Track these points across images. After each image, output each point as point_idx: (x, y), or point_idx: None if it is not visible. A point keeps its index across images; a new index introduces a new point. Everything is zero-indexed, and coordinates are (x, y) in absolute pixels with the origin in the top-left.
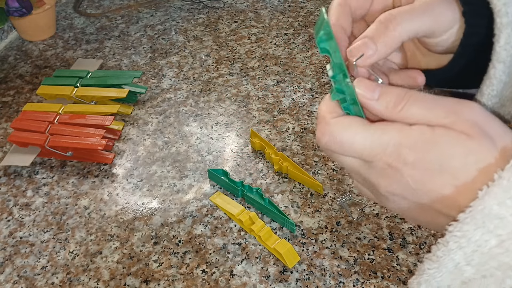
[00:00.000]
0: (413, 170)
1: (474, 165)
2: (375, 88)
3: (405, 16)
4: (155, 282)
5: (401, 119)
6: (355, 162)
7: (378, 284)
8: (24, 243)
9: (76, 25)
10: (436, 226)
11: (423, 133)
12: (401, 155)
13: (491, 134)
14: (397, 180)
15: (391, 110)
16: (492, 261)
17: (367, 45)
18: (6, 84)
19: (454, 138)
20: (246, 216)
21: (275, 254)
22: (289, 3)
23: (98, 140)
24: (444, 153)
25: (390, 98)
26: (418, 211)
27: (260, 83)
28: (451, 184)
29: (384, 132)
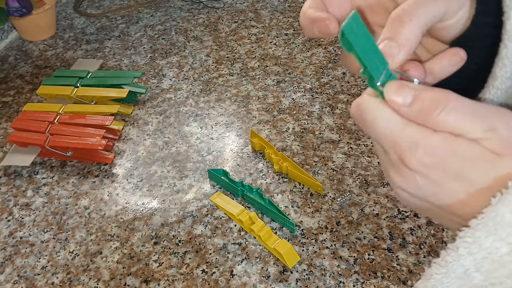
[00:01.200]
0: (425, 173)
1: (492, 177)
2: (407, 92)
3: (415, 5)
4: (155, 282)
5: (435, 127)
6: (376, 143)
7: (378, 284)
8: (24, 243)
9: (76, 25)
10: (448, 226)
11: (446, 139)
12: (415, 155)
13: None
14: (408, 179)
15: (425, 117)
16: (502, 269)
17: (390, 47)
18: (6, 84)
19: (479, 152)
20: (246, 216)
21: (275, 254)
22: (289, 3)
23: (98, 140)
24: (464, 163)
25: (424, 104)
26: (427, 210)
27: (260, 83)
28: (465, 191)
29: (406, 127)
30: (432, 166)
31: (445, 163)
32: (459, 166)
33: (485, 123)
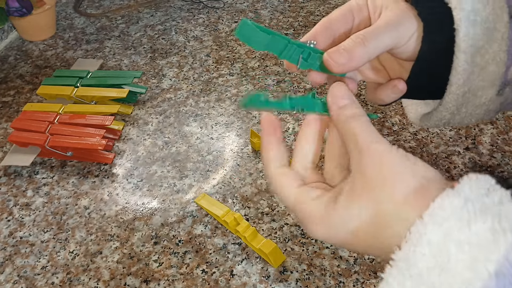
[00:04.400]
0: (322, 239)
1: (367, 221)
2: (348, 95)
3: (372, 35)
4: (155, 282)
5: (341, 128)
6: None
7: (378, 284)
8: (24, 243)
9: (76, 25)
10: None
11: (327, 204)
12: (306, 230)
13: (385, 184)
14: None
15: (343, 118)
16: None
17: (341, 54)
18: (6, 84)
19: (347, 199)
20: (231, 217)
21: (260, 255)
22: (289, 3)
23: (98, 140)
24: (343, 218)
25: (348, 111)
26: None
27: (260, 83)
28: (356, 246)
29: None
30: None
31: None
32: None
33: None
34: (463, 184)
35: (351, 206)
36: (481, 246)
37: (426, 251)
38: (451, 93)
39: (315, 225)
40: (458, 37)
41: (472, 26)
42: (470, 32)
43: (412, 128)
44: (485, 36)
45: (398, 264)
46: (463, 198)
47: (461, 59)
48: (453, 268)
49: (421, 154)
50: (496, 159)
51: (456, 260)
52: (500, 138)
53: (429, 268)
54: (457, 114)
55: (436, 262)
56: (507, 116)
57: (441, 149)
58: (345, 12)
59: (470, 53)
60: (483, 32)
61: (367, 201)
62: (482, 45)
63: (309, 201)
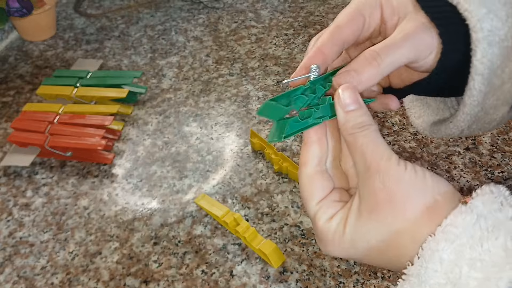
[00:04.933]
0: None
1: (379, 240)
2: (355, 101)
3: (388, 52)
4: (155, 283)
5: (348, 140)
6: None
7: (378, 284)
8: (24, 243)
9: (76, 25)
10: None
11: (338, 225)
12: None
13: (397, 201)
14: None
15: (346, 128)
16: None
17: (352, 76)
18: (6, 84)
19: (357, 219)
20: (230, 217)
21: (260, 255)
22: (289, 3)
23: (97, 140)
24: (353, 238)
25: (354, 119)
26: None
27: (260, 83)
28: (367, 261)
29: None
30: (337, 256)
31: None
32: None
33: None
34: (476, 200)
35: (360, 230)
36: (493, 263)
37: (438, 268)
38: (464, 113)
39: (327, 246)
40: (476, 58)
41: (490, 46)
42: (488, 53)
43: (412, 128)
44: (501, 56)
45: (410, 279)
46: (476, 214)
47: (477, 81)
48: (465, 285)
49: (421, 154)
50: (496, 159)
51: (467, 277)
52: (500, 138)
53: (440, 284)
54: (467, 130)
55: (448, 279)
56: None
57: (441, 149)
58: (354, 15)
59: (487, 74)
60: (500, 51)
61: (376, 223)
62: (499, 64)
63: (324, 223)
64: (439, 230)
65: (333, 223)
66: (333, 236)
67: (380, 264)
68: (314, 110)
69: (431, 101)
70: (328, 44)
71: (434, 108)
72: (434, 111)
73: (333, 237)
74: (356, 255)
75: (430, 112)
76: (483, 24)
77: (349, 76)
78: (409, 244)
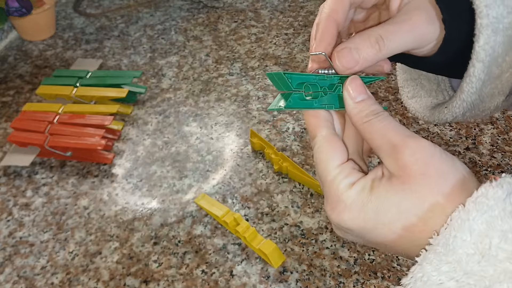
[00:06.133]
0: (345, 230)
1: (410, 212)
2: (363, 92)
3: (392, 38)
4: (155, 283)
5: (364, 127)
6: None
7: (378, 284)
8: (24, 243)
9: (76, 25)
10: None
11: (360, 192)
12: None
13: (431, 175)
14: (337, 231)
15: (360, 117)
16: None
17: (352, 55)
18: (6, 84)
19: (387, 189)
20: (230, 217)
21: (260, 255)
22: (289, 3)
23: (97, 140)
24: (378, 208)
25: (366, 108)
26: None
27: (260, 83)
28: (391, 238)
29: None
30: (349, 227)
31: (364, 215)
32: (375, 212)
33: (392, 143)
34: (504, 179)
35: (389, 200)
36: None
37: (467, 238)
38: (461, 99)
39: (342, 213)
40: (478, 45)
41: (494, 33)
42: (491, 40)
43: (413, 128)
44: (503, 44)
45: (436, 248)
46: (506, 191)
47: (478, 68)
48: (494, 257)
49: None
50: (496, 159)
51: (497, 249)
52: (500, 138)
53: (468, 254)
54: (461, 117)
55: (477, 249)
56: (507, 116)
57: None
58: None
59: (488, 62)
60: (503, 40)
61: (410, 193)
62: (500, 53)
63: (344, 187)
64: (470, 201)
65: (354, 190)
66: (352, 202)
67: (395, 245)
68: (322, 95)
69: (424, 82)
70: (338, 9)
71: (427, 89)
72: (427, 92)
73: (353, 204)
74: (368, 230)
75: (423, 93)
76: (489, 11)
77: (350, 54)
78: (439, 217)
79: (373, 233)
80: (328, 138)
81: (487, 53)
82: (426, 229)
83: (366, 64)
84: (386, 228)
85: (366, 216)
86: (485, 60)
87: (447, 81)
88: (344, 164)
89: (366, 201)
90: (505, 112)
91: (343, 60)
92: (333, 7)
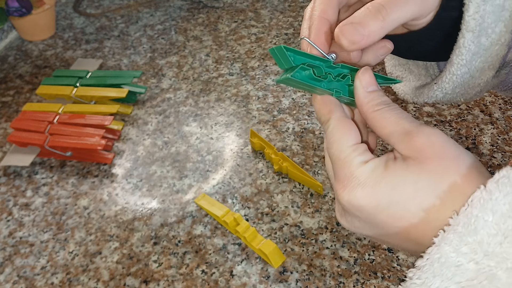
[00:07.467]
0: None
1: (428, 191)
2: (374, 83)
3: (394, 6)
4: (155, 282)
5: (374, 115)
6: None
7: (378, 284)
8: (24, 243)
9: (75, 25)
10: (405, 251)
11: (374, 169)
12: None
13: (448, 157)
14: (347, 221)
15: (371, 105)
16: None
17: (356, 30)
18: (6, 84)
19: (403, 168)
20: (230, 217)
21: (260, 255)
22: (289, 3)
23: (97, 140)
24: (394, 186)
25: (378, 98)
26: (383, 240)
27: (260, 83)
28: (405, 218)
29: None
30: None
31: (378, 193)
32: (390, 190)
33: (405, 129)
34: None
35: (406, 178)
36: None
37: (489, 218)
38: (450, 73)
39: (355, 189)
40: (468, 14)
41: (483, 2)
42: (480, 9)
43: None
44: (493, 14)
45: (456, 228)
46: None
47: (467, 39)
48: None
49: None
50: (496, 159)
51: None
52: (500, 138)
53: (490, 235)
54: (451, 94)
55: (499, 229)
56: (507, 116)
57: None
58: None
59: (478, 32)
60: (492, 9)
61: (428, 172)
62: (489, 23)
63: (358, 164)
64: (492, 181)
65: (368, 167)
66: (367, 178)
67: (406, 228)
68: (330, 79)
69: (413, 67)
70: (328, 9)
71: (416, 74)
72: (416, 77)
73: (367, 180)
74: (381, 209)
75: (412, 78)
76: None
77: (354, 29)
78: (457, 197)
79: (385, 213)
80: (342, 120)
81: (476, 23)
82: (443, 209)
83: (373, 38)
84: (401, 207)
85: (380, 193)
86: (475, 30)
87: (435, 66)
88: (358, 144)
89: (381, 178)
90: (505, 112)
91: (348, 35)
92: (323, 7)
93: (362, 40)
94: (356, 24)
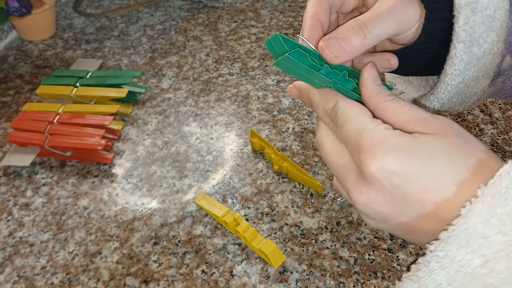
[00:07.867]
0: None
1: (461, 164)
2: (379, 79)
3: (374, 23)
4: (155, 283)
5: (386, 104)
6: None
7: (378, 284)
8: (24, 243)
9: (75, 25)
10: (419, 242)
11: (404, 136)
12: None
13: (468, 136)
14: (369, 195)
15: (382, 96)
16: (476, 282)
17: (340, 44)
18: (6, 84)
19: (435, 138)
20: (230, 217)
21: (260, 255)
22: (289, 3)
23: (97, 140)
24: (428, 154)
25: (385, 90)
26: (397, 229)
27: (260, 83)
28: (436, 191)
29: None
30: (394, 170)
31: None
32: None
33: (421, 116)
34: None
35: (442, 147)
36: None
37: None
38: (445, 83)
39: (390, 152)
40: (458, 25)
41: (472, 13)
42: (470, 20)
43: None
44: (483, 24)
45: (485, 199)
46: None
47: (459, 49)
48: None
49: None
50: None
51: None
52: (500, 138)
53: None
54: (448, 104)
55: None
56: (507, 116)
57: None
58: None
59: (469, 42)
60: (482, 20)
61: (461, 146)
62: (480, 33)
63: (387, 129)
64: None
65: (397, 133)
66: (398, 142)
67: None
68: (328, 69)
69: (412, 79)
70: (320, 11)
71: (415, 86)
72: (415, 88)
73: (399, 144)
74: (411, 178)
75: (411, 89)
76: None
77: (337, 44)
78: (485, 172)
79: (416, 183)
80: (351, 101)
81: (467, 33)
82: (472, 182)
83: (356, 53)
84: (433, 178)
85: (413, 161)
86: (466, 41)
87: (435, 77)
88: (376, 118)
89: (414, 145)
90: (505, 112)
91: (332, 49)
92: (315, 9)
93: (345, 55)
94: (339, 39)
